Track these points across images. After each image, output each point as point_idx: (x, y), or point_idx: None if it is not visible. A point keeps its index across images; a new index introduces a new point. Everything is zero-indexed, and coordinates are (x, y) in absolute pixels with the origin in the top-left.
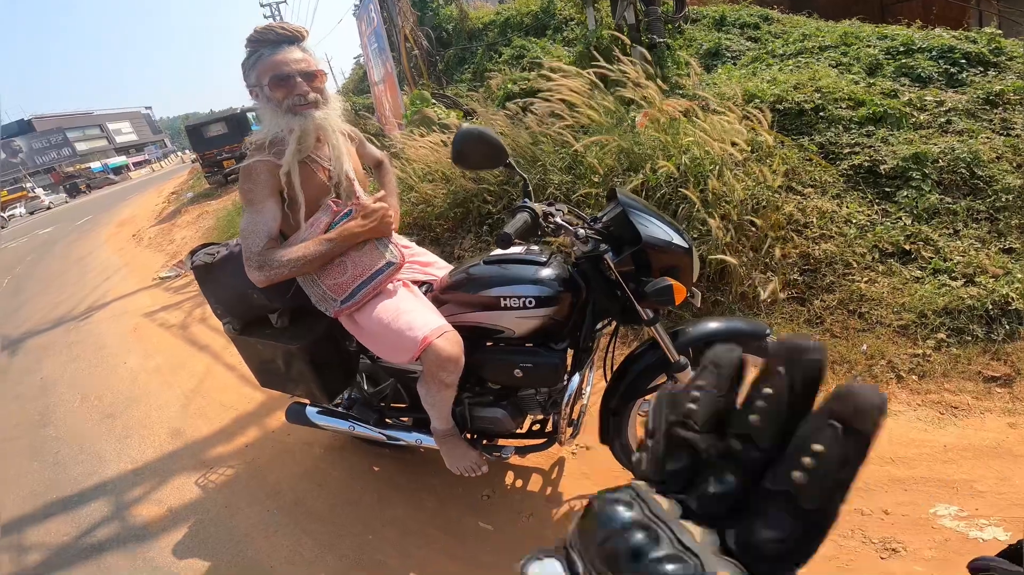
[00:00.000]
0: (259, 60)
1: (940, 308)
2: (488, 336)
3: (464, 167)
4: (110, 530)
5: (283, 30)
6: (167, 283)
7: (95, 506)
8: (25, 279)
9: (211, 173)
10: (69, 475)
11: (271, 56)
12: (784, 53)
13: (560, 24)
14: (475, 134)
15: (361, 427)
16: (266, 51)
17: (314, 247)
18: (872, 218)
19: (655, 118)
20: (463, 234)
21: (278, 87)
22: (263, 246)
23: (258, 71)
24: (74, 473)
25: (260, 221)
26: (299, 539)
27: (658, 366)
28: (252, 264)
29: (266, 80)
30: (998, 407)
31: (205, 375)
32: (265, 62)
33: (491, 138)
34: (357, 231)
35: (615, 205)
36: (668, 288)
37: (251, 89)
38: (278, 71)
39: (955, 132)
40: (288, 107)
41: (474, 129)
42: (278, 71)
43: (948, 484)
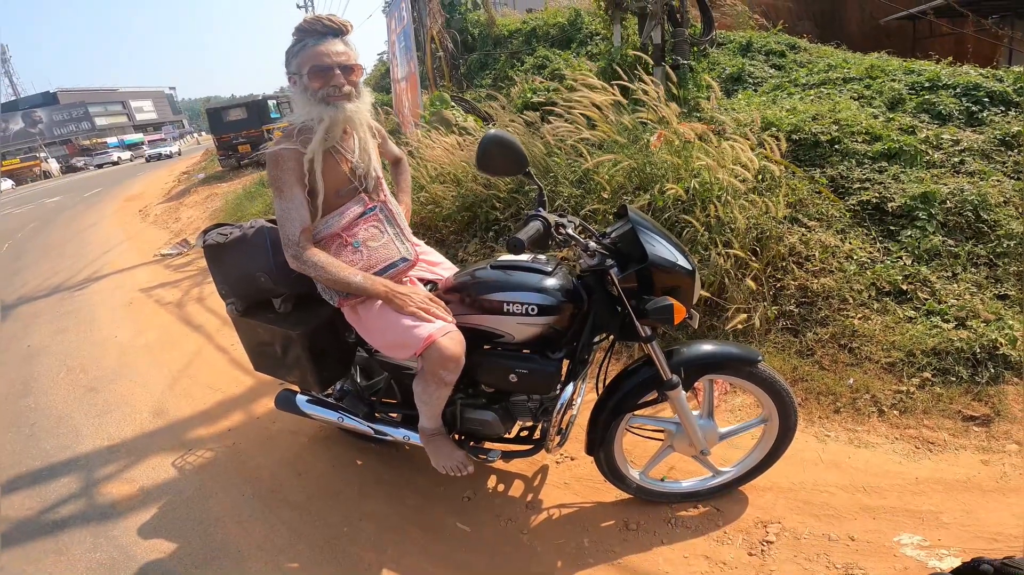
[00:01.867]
0: (303, 49)
1: (929, 348)
2: (487, 339)
3: (486, 172)
4: (75, 506)
5: (331, 22)
6: (168, 260)
7: (63, 481)
8: (26, 245)
9: (225, 156)
10: (41, 447)
11: (315, 46)
12: (807, 83)
13: (585, 38)
14: (501, 140)
15: (350, 419)
16: (311, 41)
17: (350, 276)
18: (873, 256)
19: (669, 139)
20: (469, 238)
21: (317, 76)
22: (299, 234)
23: (300, 59)
24: (47, 446)
25: (292, 208)
26: (273, 526)
27: (650, 383)
28: (289, 251)
29: (306, 69)
30: (973, 445)
31: (195, 355)
32: (308, 51)
33: (515, 146)
34: (385, 291)
35: (625, 222)
36: (668, 307)
37: (290, 76)
38: (319, 61)
39: (967, 173)
40: (322, 96)
41: (500, 135)
42: (319, 61)
43: (915, 515)
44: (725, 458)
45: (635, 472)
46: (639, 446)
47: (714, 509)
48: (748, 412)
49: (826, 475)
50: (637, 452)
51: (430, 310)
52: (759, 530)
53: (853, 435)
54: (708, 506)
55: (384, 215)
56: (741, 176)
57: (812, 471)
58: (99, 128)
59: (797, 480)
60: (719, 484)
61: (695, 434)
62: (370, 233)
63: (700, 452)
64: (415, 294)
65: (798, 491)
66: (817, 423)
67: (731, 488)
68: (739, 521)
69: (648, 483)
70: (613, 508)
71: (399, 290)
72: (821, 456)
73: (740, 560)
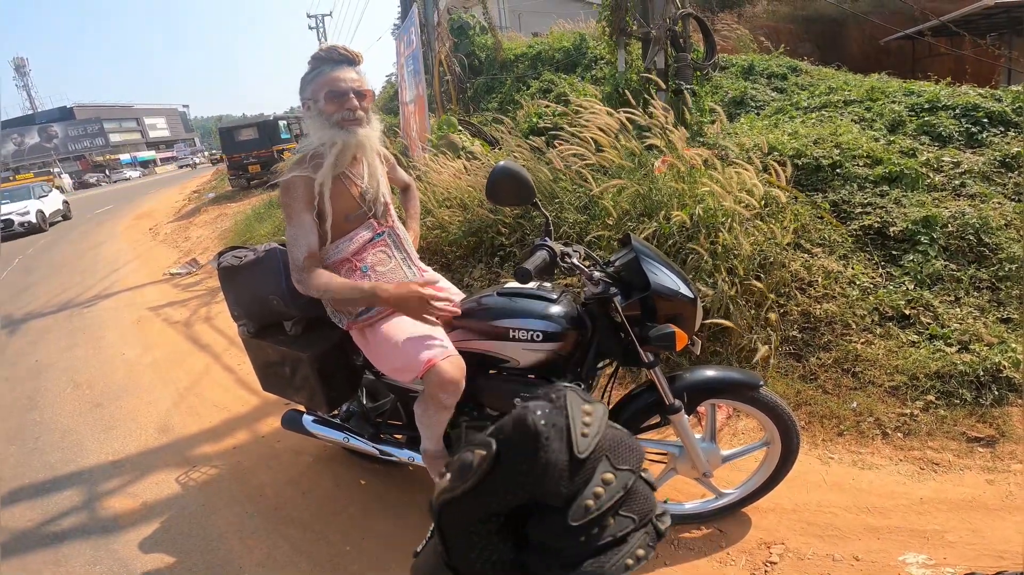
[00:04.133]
0: (319, 75)
1: (932, 372)
2: (492, 364)
3: (495, 202)
4: (76, 519)
5: (345, 51)
6: (177, 279)
7: (66, 494)
8: (37, 261)
9: (235, 176)
10: (45, 461)
11: (331, 72)
12: (809, 106)
13: (590, 63)
14: (510, 172)
15: (355, 439)
16: (327, 67)
17: (349, 290)
18: (876, 281)
19: (674, 165)
20: (474, 263)
21: (332, 101)
22: (303, 258)
23: (316, 85)
24: (51, 459)
25: (300, 234)
26: (275, 543)
27: (653, 407)
28: (295, 276)
29: (323, 93)
30: (978, 465)
31: (202, 374)
32: (324, 77)
33: (524, 177)
34: (386, 298)
35: (628, 251)
36: (671, 335)
37: (304, 102)
38: (335, 86)
39: (968, 195)
40: (336, 121)
41: (510, 166)
42: (335, 86)
43: (920, 534)
44: (728, 480)
45: None
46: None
47: (717, 530)
48: (752, 435)
49: (830, 496)
50: None
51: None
52: (762, 551)
53: (857, 457)
54: (711, 527)
55: (392, 240)
56: (746, 203)
57: (816, 492)
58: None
59: (801, 501)
60: (722, 506)
61: (698, 457)
62: (378, 258)
63: (703, 474)
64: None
65: (802, 512)
66: (821, 446)
67: (734, 509)
68: (742, 542)
69: None
70: None
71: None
72: (825, 478)
73: None
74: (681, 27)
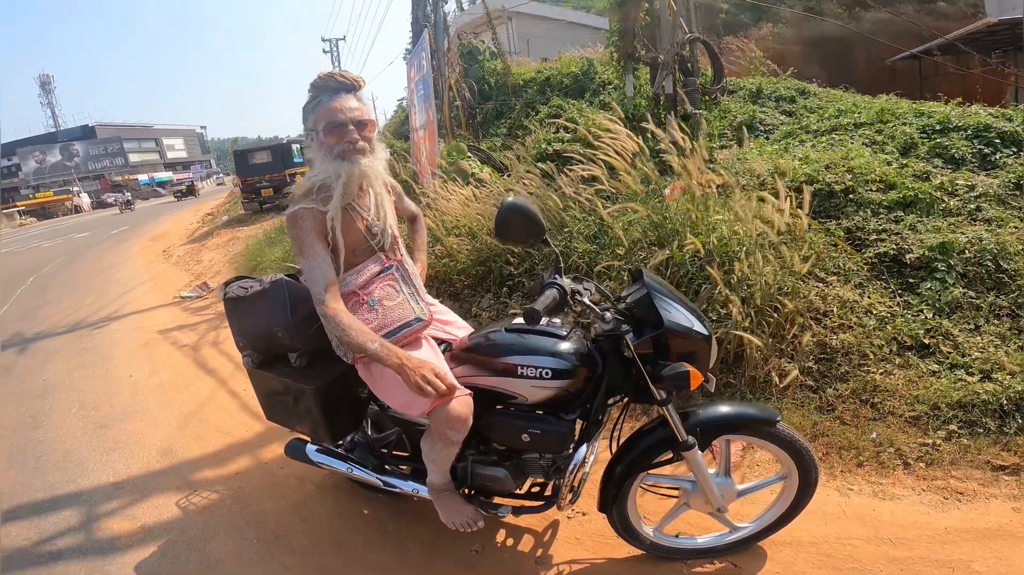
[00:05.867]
0: (318, 105)
1: (954, 402)
2: (500, 399)
3: (504, 240)
4: (73, 539)
5: (343, 78)
6: (187, 303)
7: (64, 514)
8: (51, 280)
9: (248, 199)
10: (45, 480)
11: (329, 103)
12: (818, 129)
13: (598, 88)
14: (519, 209)
15: (359, 470)
16: (325, 97)
17: (367, 343)
18: (893, 310)
19: (688, 190)
20: (482, 293)
21: (331, 133)
22: (324, 292)
23: (315, 116)
24: (51, 479)
25: (315, 267)
26: (274, 572)
27: (665, 443)
28: (318, 308)
29: (321, 125)
30: (1004, 493)
31: (208, 399)
32: (323, 108)
33: (533, 214)
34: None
35: (640, 286)
36: (685, 374)
37: (307, 132)
38: (333, 118)
39: (984, 220)
40: (338, 153)
41: (519, 203)
42: (333, 118)
43: (945, 564)
44: (743, 514)
45: (649, 528)
46: (653, 501)
47: (731, 565)
48: (768, 467)
49: (849, 528)
50: (651, 508)
51: (436, 386)
52: None
53: (877, 488)
54: (725, 562)
55: (400, 274)
56: (761, 231)
57: (835, 524)
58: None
59: (819, 534)
60: (736, 540)
61: (711, 492)
62: (386, 292)
63: (717, 510)
64: (427, 368)
65: (820, 545)
66: (839, 477)
67: (749, 544)
68: None
69: (662, 539)
70: (625, 565)
71: (409, 365)
72: (844, 510)
73: None
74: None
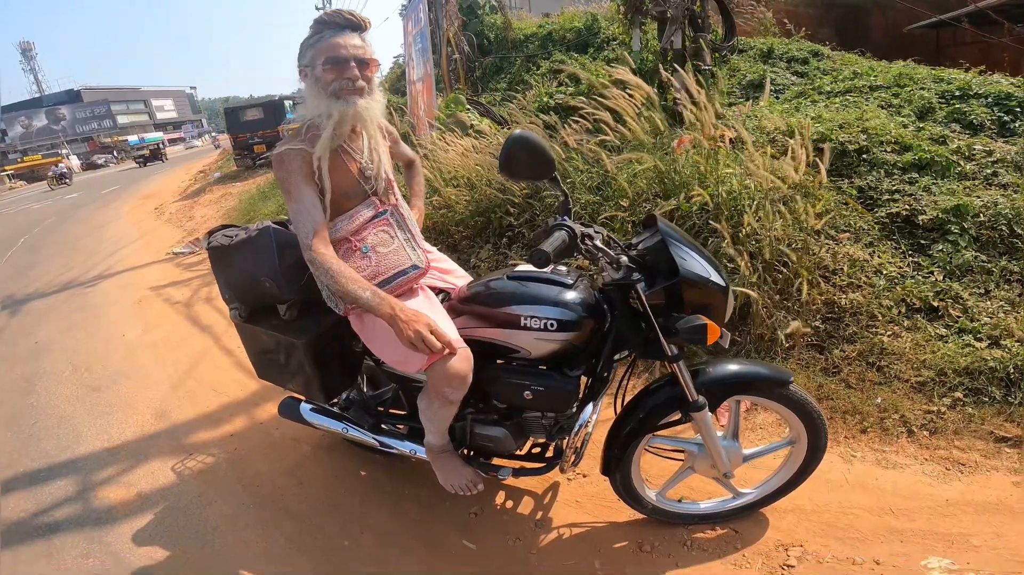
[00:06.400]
0: (320, 40)
1: (961, 368)
2: (500, 354)
3: (509, 175)
4: (70, 510)
5: (351, 16)
6: (180, 259)
7: (61, 483)
8: (41, 241)
9: (241, 156)
10: (41, 448)
11: (332, 38)
12: (832, 91)
13: (602, 43)
14: (527, 142)
15: (355, 430)
16: (329, 32)
17: (358, 291)
18: (903, 270)
19: (697, 143)
20: (482, 243)
21: (331, 68)
22: (312, 236)
23: (315, 51)
24: (47, 446)
25: (302, 209)
26: (271, 537)
27: (674, 403)
28: (305, 254)
29: (320, 60)
30: (1005, 466)
31: (201, 357)
32: (325, 42)
33: (542, 148)
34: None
35: (653, 232)
36: (702, 327)
37: (302, 69)
38: (335, 53)
39: (1000, 185)
40: (334, 91)
41: (527, 135)
42: (335, 53)
43: (945, 537)
44: (746, 479)
45: (651, 492)
46: (655, 465)
47: (732, 531)
48: (771, 431)
49: (852, 497)
50: (653, 471)
51: (430, 343)
52: (779, 553)
53: (881, 456)
54: (726, 528)
55: (395, 220)
56: (774, 185)
57: (837, 492)
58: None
59: (821, 502)
60: (739, 506)
61: (719, 456)
62: (380, 238)
63: (723, 475)
64: (422, 322)
65: (822, 513)
66: (843, 443)
67: (751, 510)
68: (759, 544)
69: (665, 504)
70: (627, 528)
71: (403, 317)
72: (847, 477)
73: None
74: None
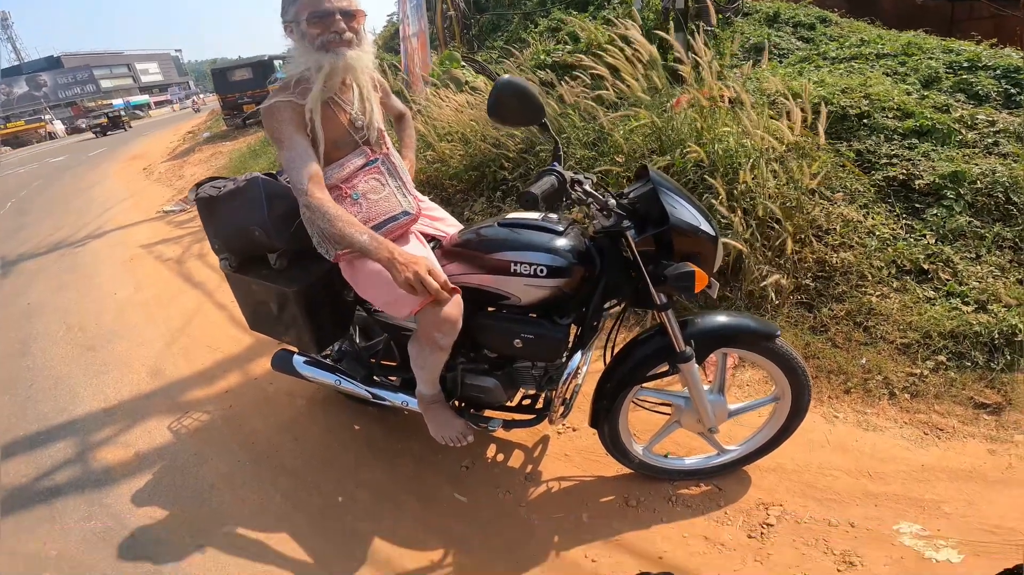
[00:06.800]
0: None
1: (946, 331)
2: (491, 301)
3: (497, 119)
4: (70, 473)
5: None
6: (170, 217)
7: (60, 446)
8: (29, 204)
9: (230, 116)
10: (39, 411)
11: None
12: (837, 56)
13: (602, 2)
14: (516, 86)
15: (348, 382)
16: None
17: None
18: (896, 233)
19: (696, 102)
20: (475, 197)
21: (317, 23)
22: (307, 181)
23: (298, 5)
24: (44, 409)
25: (295, 156)
26: (268, 494)
27: (662, 354)
28: (301, 200)
29: (304, 15)
30: (982, 433)
31: (194, 313)
32: None
33: (531, 93)
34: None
35: (645, 182)
36: (690, 274)
37: (287, 24)
38: (318, 7)
39: (1000, 154)
40: (321, 44)
41: (515, 80)
42: (318, 7)
43: (917, 503)
44: (731, 436)
45: (638, 447)
46: (642, 420)
47: (716, 488)
48: (757, 388)
49: (832, 458)
50: (641, 427)
51: (428, 284)
52: (760, 512)
53: (862, 417)
54: (710, 485)
55: (386, 168)
56: (769, 144)
57: (818, 453)
58: (104, 90)
59: (802, 462)
60: (723, 463)
61: (705, 410)
62: (371, 185)
63: (708, 430)
64: (421, 264)
65: (802, 473)
66: (827, 403)
67: (735, 467)
68: (740, 502)
69: (651, 459)
70: (614, 483)
71: (400, 260)
72: (828, 438)
73: (739, 542)
74: None
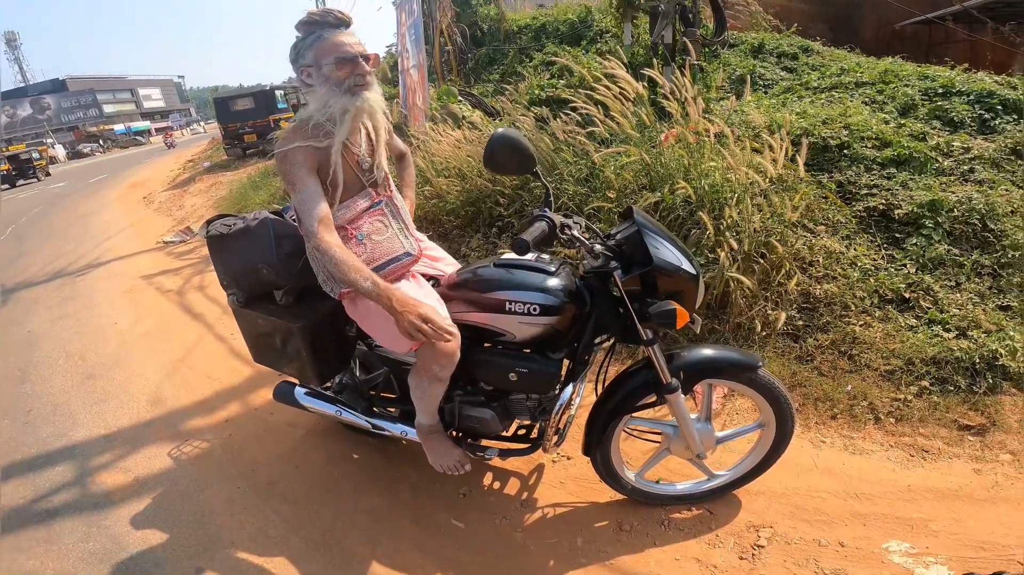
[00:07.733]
0: (319, 40)
1: (929, 357)
2: (487, 337)
3: (493, 170)
4: (69, 495)
5: (341, 15)
6: (170, 248)
7: (58, 470)
8: (30, 230)
9: (231, 145)
10: (38, 435)
11: (331, 37)
12: (819, 86)
13: (595, 36)
14: (509, 140)
15: (348, 413)
16: (326, 32)
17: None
18: (877, 263)
19: (683, 137)
20: (472, 233)
21: (343, 66)
22: (317, 224)
23: (318, 50)
24: (43, 434)
25: (307, 199)
26: (267, 519)
27: (649, 385)
28: (310, 241)
29: (329, 59)
30: (967, 454)
31: (195, 344)
32: (326, 42)
33: (523, 146)
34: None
35: (630, 224)
36: (671, 312)
37: (303, 68)
38: (343, 52)
39: (976, 181)
40: (348, 87)
41: (508, 134)
42: (343, 52)
43: (905, 522)
44: (720, 462)
45: (631, 473)
46: (635, 447)
47: (707, 512)
48: (746, 416)
49: (820, 481)
50: (633, 453)
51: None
52: (751, 534)
53: (849, 442)
54: (701, 509)
55: (390, 210)
56: (753, 180)
57: (806, 477)
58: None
59: (791, 485)
60: (713, 487)
61: (692, 438)
62: (375, 227)
63: (696, 456)
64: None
65: (791, 496)
66: (813, 429)
67: (725, 491)
68: (731, 524)
69: (643, 485)
70: (607, 508)
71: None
72: (816, 462)
73: (731, 564)
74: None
